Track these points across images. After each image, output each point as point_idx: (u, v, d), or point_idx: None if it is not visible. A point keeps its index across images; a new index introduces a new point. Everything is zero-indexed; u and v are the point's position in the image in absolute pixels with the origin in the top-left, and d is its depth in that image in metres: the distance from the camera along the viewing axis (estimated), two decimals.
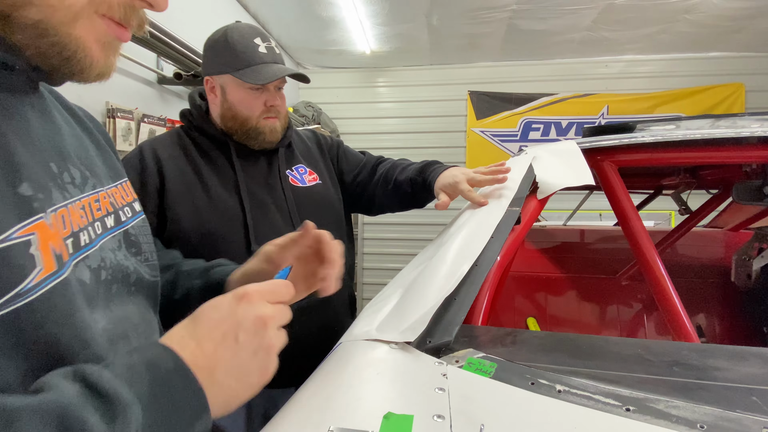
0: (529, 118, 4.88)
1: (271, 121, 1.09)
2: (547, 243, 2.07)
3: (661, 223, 3.46)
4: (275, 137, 1.11)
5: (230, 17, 3.60)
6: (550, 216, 3.46)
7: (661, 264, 0.97)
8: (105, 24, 0.41)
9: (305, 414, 0.44)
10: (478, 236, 0.76)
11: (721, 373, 0.53)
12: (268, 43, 1.07)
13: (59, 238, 0.40)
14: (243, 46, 1.04)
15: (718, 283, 1.88)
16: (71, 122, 0.52)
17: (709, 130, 1.02)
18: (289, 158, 1.19)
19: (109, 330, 0.45)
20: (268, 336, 0.43)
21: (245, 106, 1.07)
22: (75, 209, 0.44)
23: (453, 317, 0.60)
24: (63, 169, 0.44)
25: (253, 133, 1.08)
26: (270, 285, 0.47)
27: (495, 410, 0.43)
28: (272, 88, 1.08)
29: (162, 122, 2.53)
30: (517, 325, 1.93)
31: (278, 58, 1.08)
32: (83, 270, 0.43)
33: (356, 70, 5.09)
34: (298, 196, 1.14)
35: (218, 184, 1.07)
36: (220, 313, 0.43)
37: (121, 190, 0.55)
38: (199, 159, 1.09)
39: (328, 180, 1.23)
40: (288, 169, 1.16)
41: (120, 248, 0.51)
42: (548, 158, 1.00)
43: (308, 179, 1.18)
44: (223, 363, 0.40)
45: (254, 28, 1.09)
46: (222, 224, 1.04)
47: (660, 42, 4.28)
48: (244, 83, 1.03)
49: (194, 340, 0.40)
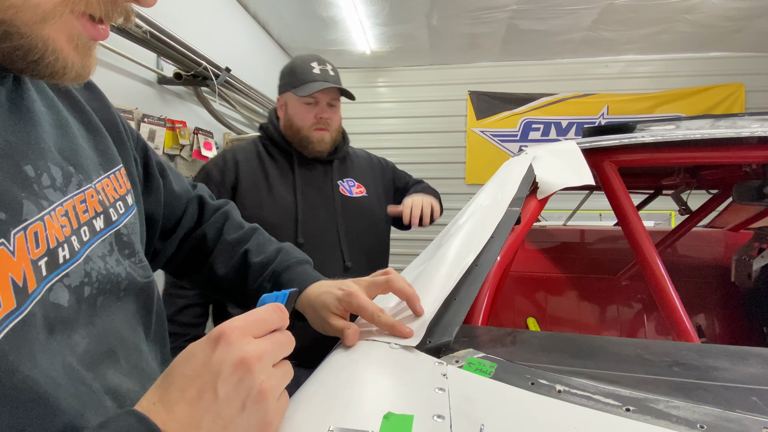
0: (529, 118, 4.88)
1: (320, 133, 1.29)
2: (547, 243, 2.07)
3: (661, 223, 3.46)
4: (323, 147, 1.31)
5: (230, 17, 3.61)
6: (550, 216, 3.46)
7: (661, 264, 0.97)
8: (80, 23, 0.37)
9: (305, 414, 0.44)
10: (478, 236, 0.76)
11: (721, 373, 0.53)
12: (322, 66, 1.29)
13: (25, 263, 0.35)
14: (301, 69, 1.28)
15: (718, 283, 1.88)
16: (56, 104, 0.45)
17: (709, 130, 1.02)
18: (342, 171, 1.39)
19: (91, 351, 0.40)
20: (257, 381, 0.35)
21: (299, 118, 1.28)
22: (55, 218, 0.39)
23: (453, 317, 0.60)
24: (42, 170, 0.39)
25: (304, 141, 1.29)
26: (254, 314, 0.39)
27: (495, 410, 0.43)
28: (324, 103, 1.29)
29: (162, 122, 2.53)
30: (517, 325, 1.93)
31: (329, 78, 1.27)
32: (60, 292, 0.38)
33: (356, 70, 5.09)
34: (344, 203, 1.34)
35: (280, 184, 1.29)
36: (193, 366, 0.35)
37: (113, 181, 0.50)
38: (268, 163, 1.31)
39: (374, 194, 1.43)
40: (340, 180, 1.37)
41: (111, 253, 0.46)
42: (548, 158, 1.00)
43: (355, 191, 1.39)
44: (203, 428, 0.33)
45: (314, 55, 1.32)
46: (277, 216, 1.25)
47: (660, 42, 4.29)
48: (300, 98, 1.26)
49: (165, 407, 0.34)
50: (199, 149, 2.87)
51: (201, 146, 2.89)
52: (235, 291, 0.74)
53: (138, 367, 0.48)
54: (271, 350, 0.38)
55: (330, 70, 1.29)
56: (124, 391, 0.43)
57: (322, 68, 1.28)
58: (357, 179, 1.41)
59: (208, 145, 2.96)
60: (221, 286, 0.74)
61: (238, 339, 0.36)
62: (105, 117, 0.54)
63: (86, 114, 0.50)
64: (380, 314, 0.59)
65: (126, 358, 0.46)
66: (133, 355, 0.48)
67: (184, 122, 2.73)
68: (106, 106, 0.55)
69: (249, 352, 0.36)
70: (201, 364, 0.35)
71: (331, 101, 1.31)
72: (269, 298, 0.44)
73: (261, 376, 0.36)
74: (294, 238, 1.24)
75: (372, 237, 1.38)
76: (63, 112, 0.46)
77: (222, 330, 0.36)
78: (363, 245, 1.34)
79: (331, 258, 1.29)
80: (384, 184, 1.48)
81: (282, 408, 0.39)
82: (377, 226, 1.41)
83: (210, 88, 2.88)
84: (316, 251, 1.21)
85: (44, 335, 0.35)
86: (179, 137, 2.68)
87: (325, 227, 1.29)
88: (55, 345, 0.36)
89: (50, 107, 0.44)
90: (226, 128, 3.36)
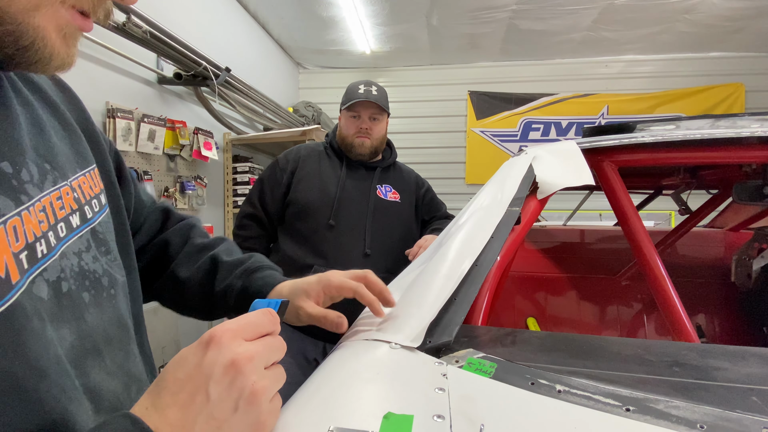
0: (529, 118, 4.88)
1: (360, 139, 1.59)
2: (547, 243, 2.07)
3: (661, 223, 3.46)
4: (364, 151, 1.60)
5: (230, 17, 3.61)
6: (550, 216, 3.46)
7: (661, 264, 0.97)
8: (69, 14, 0.38)
9: (305, 414, 0.44)
10: (478, 236, 0.76)
11: (721, 373, 0.53)
12: (367, 87, 1.58)
13: (7, 256, 0.35)
14: (350, 90, 1.61)
15: (718, 283, 1.88)
16: (30, 102, 0.46)
17: (709, 130, 1.02)
18: (383, 177, 1.67)
19: (77, 347, 0.41)
20: (249, 381, 0.36)
21: (345, 128, 1.61)
22: (33, 214, 0.39)
23: (453, 317, 0.60)
24: (20, 166, 0.39)
25: (349, 146, 1.61)
26: (246, 318, 0.40)
27: (495, 410, 0.43)
28: (366, 117, 1.58)
29: (162, 122, 2.53)
30: (517, 325, 1.93)
31: (371, 97, 1.56)
32: (41, 285, 0.38)
33: (356, 70, 5.09)
34: (377, 203, 1.60)
35: (328, 177, 1.59)
36: (185, 369, 0.36)
37: (89, 179, 0.50)
38: (324, 161, 1.64)
39: (407, 203, 1.67)
40: (379, 184, 1.64)
41: (89, 249, 0.46)
42: (548, 158, 1.00)
43: (390, 196, 1.64)
44: (197, 430, 0.34)
45: (366, 80, 1.64)
46: (319, 199, 1.55)
47: (660, 42, 4.29)
48: (347, 113, 1.60)
49: (158, 411, 0.34)
50: (199, 149, 2.87)
51: (201, 146, 2.89)
52: (196, 294, 0.72)
53: (123, 368, 0.47)
54: (262, 352, 0.38)
55: (374, 90, 1.58)
56: (104, 391, 0.43)
57: (366, 89, 1.58)
58: (394, 187, 1.67)
59: (208, 145, 2.96)
60: (181, 291, 0.72)
61: (229, 341, 0.36)
62: (79, 118, 0.55)
63: (61, 113, 0.51)
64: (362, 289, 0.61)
65: (112, 358, 0.46)
66: (119, 356, 0.47)
67: (184, 122, 2.73)
68: (80, 109, 0.56)
69: (240, 354, 0.36)
70: (192, 367, 0.35)
71: (373, 115, 1.59)
72: (261, 304, 0.44)
73: (252, 377, 0.36)
74: (327, 219, 1.52)
75: (395, 235, 1.60)
76: (38, 110, 0.47)
77: (213, 333, 0.37)
78: (385, 240, 1.57)
79: (354, 242, 1.53)
80: (416, 198, 1.73)
81: (275, 409, 0.39)
82: (401, 228, 1.64)
83: (210, 88, 2.88)
84: (342, 233, 1.53)
85: (38, 324, 0.36)
86: (179, 137, 2.68)
87: (355, 217, 1.55)
88: (49, 334, 0.37)
89: (25, 105, 0.45)
90: (226, 128, 3.36)
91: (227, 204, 3.40)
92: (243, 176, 3.39)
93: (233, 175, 3.40)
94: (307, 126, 4.06)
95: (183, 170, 2.83)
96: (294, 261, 1.50)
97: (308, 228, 1.53)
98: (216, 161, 3.12)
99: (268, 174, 1.63)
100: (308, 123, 4.34)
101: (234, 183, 3.40)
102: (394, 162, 1.74)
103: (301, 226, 1.54)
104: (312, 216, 1.53)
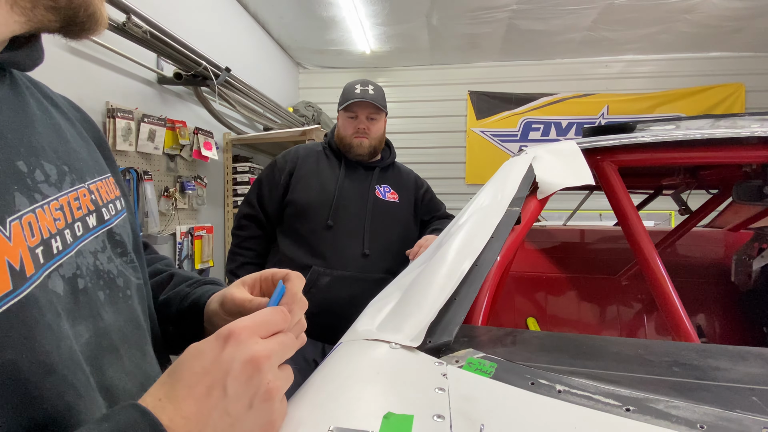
0: (529, 118, 4.88)
1: (359, 139, 1.58)
2: (547, 243, 2.07)
3: (661, 223, 3.46)
4: (362, 151, 1.59)
5: (230, 17, 3.61)
6: (550, 216, 3.46)
7: (661, 264, 0.97)
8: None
9: (305, 413, 0.44)
10: (478, 236, 0.76)
11: (721, 373, 0.53)
12: (364, 87, 1.57)
13: (22, 249, 0.35)
14: (347, 90, 1.59)
15: (718, 283, 1.88)
16: (49, 111, 0.47)
17: (709, 130, 1.02)
18: (382, 178, 1.65)
19: (93, 344, 0.41)
20: (266, 380, 0.36)
21: (343, 128, 1.61)
22: (48, 211, 0.39)
23: (453, 317, 0.60)
24: (34, 166, 0.40)
25: (347, 146, 1.60)
26: (260, 316, 0.39)
27: (495, 410, 0.43)
28: (363, 117, 1.57)
29: (162, 122, 2.53)
30: (517, 325, 1.93)
31: (367, 96, 1.55)
32: (56, 281, 0.38)
33: (356, 70, 5.09)
34: (375, 203, 1.59)
35: (327, 177, 1.59)
36: (202, 363, 0.35)
37: (105, 185, 0.51)
38: (322, 161, 1.63)
39: (405, 203, 1.66)
40: (377, 184, 1.62)
41: (104, 250, 0.47)
42: (548, 158, 1.00)
43: (389, 196, 1.63)
44: (210, 426, 0.34)
45: (362, 79, 1.62)
46: (317, 199, 1.54)
47: (660, 42, 4.29)
48: (344, 113, 1.59)
49: (172, 402, 0.34)
50: (199, 149, 2.87)
51: (201, 146, 2.89)
52: None
53: (141, 368, 0.47)
54: (278, 351, 0.38)
55: (370, 90, 1.56)
56: (120, 390, 0.43)
57: (363, 88, 1.57)
58: (393, 187, 1.66)
59: (208, 145, 2.96)
60: None
61: (248, 338, 0.37)
62: (95, 136, 0.56)
63: (77, 126, 0.52)
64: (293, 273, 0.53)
65: (130, 358, 0.46)
66: (137, 355, 0.47)
67: (184, 122, 2.73)
68: (95, 129, 0.57)
69: (258, 351, 0.36)
70: (210, 361, 0.35)
71: (370, 115, 1.58)
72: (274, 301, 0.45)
73: (269, 376, 0.36)
74: (326, 219, 1.52)
75: (393, 235, 1.60)
76: (56, 118, 0.48)
77: (231, 329, 0.37)
78: (383, 240, 1.56)
79: (352, 242, 1.52)
80: (415, 198, 1.73)
81: (284, 409, 0.39)
82: (400, 228, 1.63)
83: (210, 88, 2.88)
84: (340, 234, 1.52)
85: (53, 319, 0.36)
86: (179, 137, 2.68)
87: (353, 217, 1.54)
88: (64, 330, 0.37)
89: (43, 111, 0.46)
90: (226, 128, 3.36)
91: (227, 204, 3.41)
92: (243, 176, 3.39)
93: (233, 175, 3.41)
94: (307, 126, 4.06)
95: (183, 170, 2.83)
96: (292, 261, 1.49)
97: (307, 228, 1.52)
98: (216, 161, 3.12)
99: (267, 174, 1.62)
100: (308, 123, 4.34)
101: (234, 183, 3.40)
102: (393, 162, 1.72)
103: (300, 226, 1.53)
104: (310, 216, 1.52)
